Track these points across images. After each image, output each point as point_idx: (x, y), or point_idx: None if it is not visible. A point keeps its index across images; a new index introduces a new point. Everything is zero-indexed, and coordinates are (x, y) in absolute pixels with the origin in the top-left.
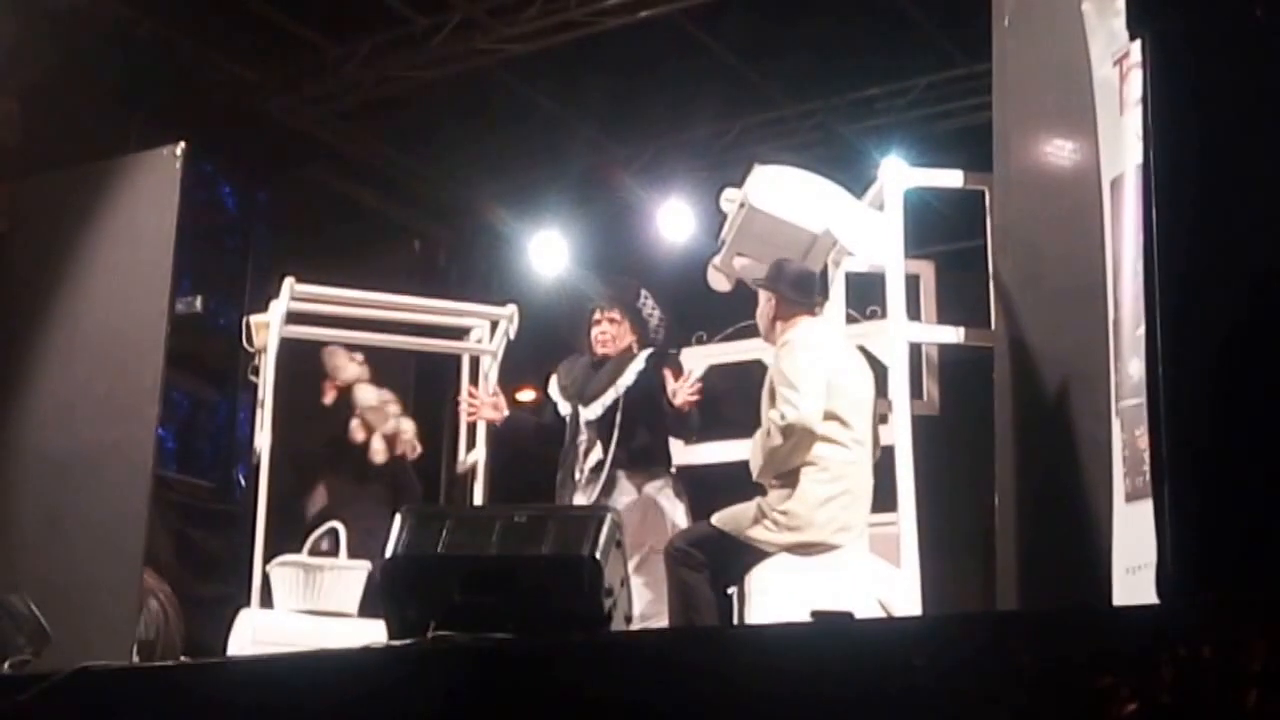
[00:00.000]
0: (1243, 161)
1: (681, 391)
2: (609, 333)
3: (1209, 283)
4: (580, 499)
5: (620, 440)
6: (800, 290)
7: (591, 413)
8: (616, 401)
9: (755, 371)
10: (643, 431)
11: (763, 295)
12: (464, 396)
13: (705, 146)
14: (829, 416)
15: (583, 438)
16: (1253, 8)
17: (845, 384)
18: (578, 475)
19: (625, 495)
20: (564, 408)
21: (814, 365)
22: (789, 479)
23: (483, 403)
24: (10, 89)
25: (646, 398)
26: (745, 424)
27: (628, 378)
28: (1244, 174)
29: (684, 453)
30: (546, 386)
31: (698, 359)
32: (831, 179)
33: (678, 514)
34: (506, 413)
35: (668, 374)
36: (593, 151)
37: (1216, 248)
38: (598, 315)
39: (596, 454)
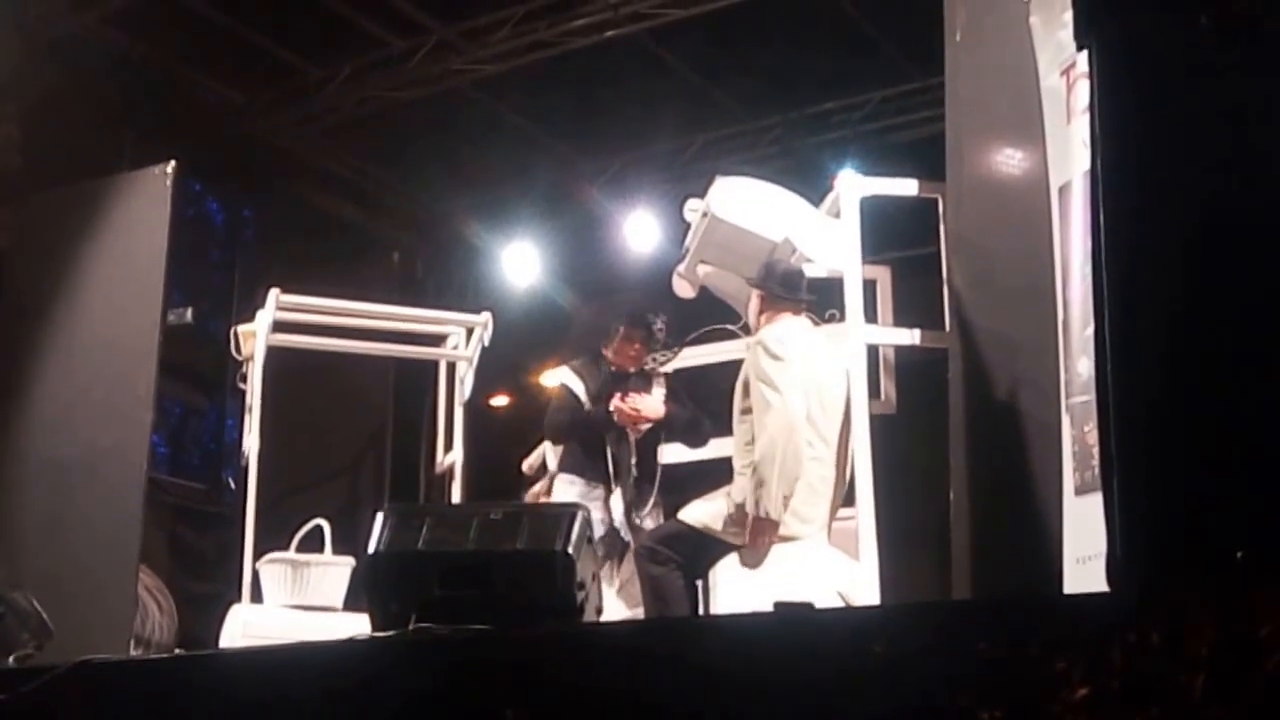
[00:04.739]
0: (1186, 167)
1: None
2: (640, 352)
3: (1154, 284)
4: (618, 507)
5: (655, 457)
6: (787, 287)
7: (638, 432)
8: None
9: (719, 375)
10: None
11: (754, 293)
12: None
13: (669, 160)
14: None
15: (632, 461)
16: (1196, 16)
17: (819, 382)
18: (615, 485)
19: (650, 504)
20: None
21: (794, 362)
22: (751, 472)
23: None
24: (11, 114)
25: (683, 424)
26: (712, 425)
27: (658, 397)
28: (1187, 179)
29: None
30: (534, 380)
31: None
32: (790, 189)
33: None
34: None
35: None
36: (561, 166)
37: (1161, 250)
38: (628, 332)
39: (635, 473)
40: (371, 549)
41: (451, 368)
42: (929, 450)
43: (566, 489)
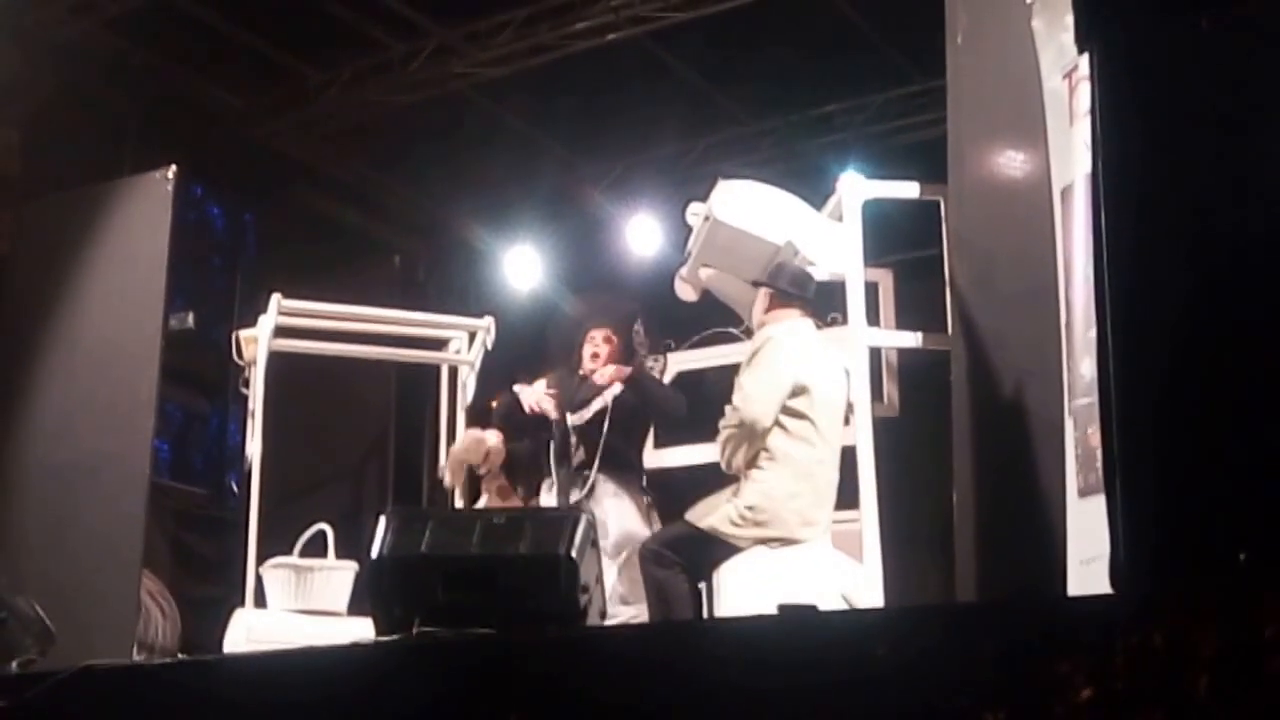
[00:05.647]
0: (1187, 169)
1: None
2: (602, 352)
3: (1156, 285)
4: (562, 500)
5: (605, 446)
6: (797, 285)
7: (579, 418)
8: (604, 409)
9: (720, 377)
10: (624, 441)
11: (761, 292)
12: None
13: (671, 163)
14: (799, 416)
15: (571, 442)
16: (1197, 20)
17: (818, 385)
18: (562, 477)
19: (606, 498)
20: (553, 414)
21: (782, 367)
22: (757, 475)
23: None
24: (11, 119)
25: (629, 410)
26: (711, 428)
27: (615, 388)
28: (1188, 181)
29: (653, 456)
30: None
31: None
32: (792, 193)
33: (653, 521)
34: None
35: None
36: (563, 170)
37: (1163, 251)
38: (593, 333)
39: (580, 457)
40: (375, 553)
41: (454, 372)
42: (932, 452)
43: (545, 493)
